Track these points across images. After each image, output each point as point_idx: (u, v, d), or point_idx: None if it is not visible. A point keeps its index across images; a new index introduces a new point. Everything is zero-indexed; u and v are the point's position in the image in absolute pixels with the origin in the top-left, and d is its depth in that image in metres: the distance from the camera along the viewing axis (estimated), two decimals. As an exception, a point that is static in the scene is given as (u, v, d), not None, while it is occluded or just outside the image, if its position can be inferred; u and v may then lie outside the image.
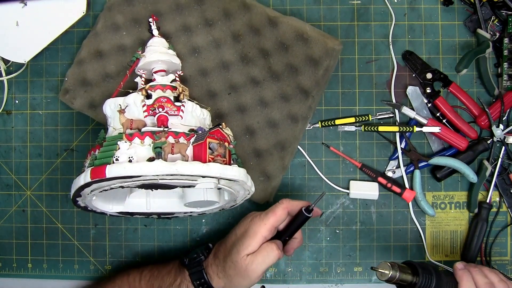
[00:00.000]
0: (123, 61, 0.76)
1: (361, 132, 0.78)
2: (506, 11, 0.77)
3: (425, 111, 0.78)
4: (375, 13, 0.79)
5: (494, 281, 0.61)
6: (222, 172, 0.58)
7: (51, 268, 0.81)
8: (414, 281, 0.60)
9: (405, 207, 0.79)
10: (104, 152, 0.59)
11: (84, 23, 0.80)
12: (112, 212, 0.71)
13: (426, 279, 0.60)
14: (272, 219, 0.63)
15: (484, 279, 0.61)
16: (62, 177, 0.80)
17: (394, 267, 0.59)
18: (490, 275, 0.62)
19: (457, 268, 0.63)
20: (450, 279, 0.62)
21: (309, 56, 0.73)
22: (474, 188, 0.76)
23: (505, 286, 0.61)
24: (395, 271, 0.59)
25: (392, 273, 0.59)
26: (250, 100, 0.76)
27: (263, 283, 0.79)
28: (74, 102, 0.76)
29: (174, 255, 0.79)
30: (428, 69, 0.78)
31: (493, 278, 0.61)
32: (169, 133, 0.60)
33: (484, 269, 0.63)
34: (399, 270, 0.59)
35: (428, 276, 0.60)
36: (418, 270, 0.60)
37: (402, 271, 0.60)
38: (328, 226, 0.79)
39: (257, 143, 0.76)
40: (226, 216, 0.79)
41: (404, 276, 0.60)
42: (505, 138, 0.76)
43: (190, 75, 0.76)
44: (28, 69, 0.81)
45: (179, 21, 0.76)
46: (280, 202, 0.64)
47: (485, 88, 0.78)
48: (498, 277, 0.62)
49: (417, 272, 0.60)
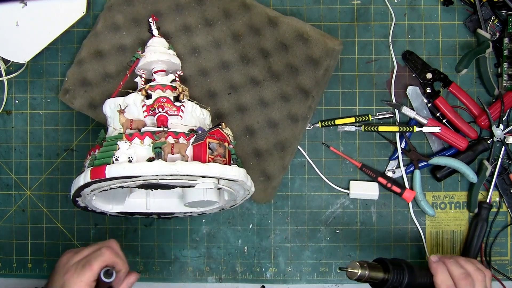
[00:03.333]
0: (123, 61, 0.76)
1: (361, 132, 0.78)
2: (506, 11, 0.77)
3: (425, 111, 0.78)
4: (375, 13, 0.79)
5: (470, 270, 0.61)
6: (222, 172, 0.58)
7: (51, 268, 0.80)
8: (386, 277, 0.60)
9: (405, 207, 0.79)
10: (104, 152, 0.59)
11: (84, 23, 0.80)
12: (112, 212, 0.71)
13: (397, 275, 0.60)
14: (89, 275, 0.57)
15: (460, 270, 0.61)
16: (62, 177, 0.80)
17: (363, 266, 0.59)
18: (466, 265, 0.62)
19: (432, 261, 0.63)
20: (425, 273, 0.62)
21: (309, 56, 0.73)
22: (474, 188, 0.76)
23: (481, 274, 0.60)
24: (364, 269, 0.59)
25: (361, 272, 0.58)
26: (250, 100, 0.76)
27: (263, 283, 0.79)
28: (74, 102, 0.76)
29: (174, 255, 0.80)
30: (428, 69, 0.78)
31: (469, 267, 0.61)
32: (169, 133, 0.60)
33: (459, 259, 0.63)
34: (369, 269, 0.59)
35: (399, 271, 0.60)
36: (389, 267, 0.60)
37: (372, 269, 0.59)
38: (328, 226, 0.79)
39: (257, 143, 0.76)
40: (226, 216, 0.79)
41: (374, 274, 0.59)
42: (505, 138, 0.76)
43: (190, 75, 0.76)
44: (28, 69, 0.81)
45: (179, 21, 0.76)
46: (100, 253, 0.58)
47: (485, 88, 0.78)
48: (475, 266, 0.61)
49: (388, 269, 0.60)
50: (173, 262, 0.80)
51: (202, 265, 0.80)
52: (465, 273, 0.60)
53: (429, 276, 0.62)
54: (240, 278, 0.79)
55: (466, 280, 0.60)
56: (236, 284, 0.79)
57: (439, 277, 0.61)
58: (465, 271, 0.61)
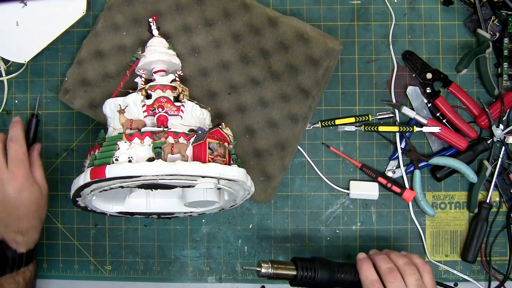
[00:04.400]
0: (123, 61, 0.76)
1: (361, 132, 0.78)
2: (506, 11, 0.77)
3: (425, 111, 0.78)
4: (375, 13, 0.79)
5: (399, 264, 0.61)
6: (221, 172, 0.58)
7: (51, 268, 0.81)
8: (295, 275, 0.62)
9: (405, 207, 0.79)
10: (104, 152, 0.59)
11: (84, 23, 0.80)
12: (112, 212, 0.71)
13: (307, 271, 0.61)
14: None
15: (387, 264, 0.61)
16: (62, 177, 0.80)
17: (267, 264, 0.61)
18: (397, 259, 0.62)
19: (358, 258, 0.64)
20: (350, 269, 0.64)
21: (309, 56, 0.73)
22: (474, 188, 0.76)
23: (411, 268, 0.60)
24: (267, 268, 0.61)
25: (264, 271, 0.61)
26: (250, 100, 0.76)
27: (263, 283, 0.79)
28: (74, 102, 0.76)
29: (174, 255, 0.80)
30: (428, 69, 0.78)
31: (398, 262, 0.61)
32: (169, 133, 0.60)
33: (391, 254, 0.63)
34: (274, 267, 0.61)
35: (309, 268, 0.62)
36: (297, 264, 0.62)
37: (280, 268, 0.61)
38: (328, 226, 0.79)
39: (257, 143, 0.76)
40: (226, 216, 0.79)
41: (281, 271, 0.61)
42: (505, 138, 0.76)
43: (190, 75, 0.76)
44: (28, 69, 0.81)
45: (179, 21, 0.76)
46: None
47: (485, 88, 0.78)
48: (406, 260, 0.61)
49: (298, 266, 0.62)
50: (173, 262, 0.80)
51: (202, 265, 0.80)
52: (391, 268, 0.60)
53: (355, 273, 0.63)
54: (240, 278, 0.79)
55: (391, 274, 0.60)
56: (236, 284, 0.79)
57: (363, 273, 0.61)
58: (391, 266, 0.61)
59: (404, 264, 0.61)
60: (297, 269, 0.62)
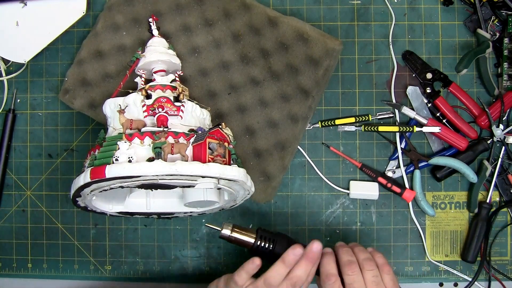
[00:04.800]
0: (123, 61, 0.76)
1: (361, 132, 0.78)
2: (506, 11, 0.77)
3: (425, 111, 0.78)
4: (375, 13, 0.79)
5: (360, 258, 0.61)
6: (221, 172, 0.58)
7: (51, 268, 0.81)
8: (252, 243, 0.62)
9: (405, 207, 0.79)
10: (104, 152, 0.59)
11: (84, 23, 0.80)
12: (112, 212, 0.71)
13: (264, 241, 0.62)
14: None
15: (348, 257, 0.61)
16: (62, 177, 0.80)
17: (229, 227, 0.62)
18: (359, 253, 0.62)
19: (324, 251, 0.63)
20: None
21: (309, 56, 0.73)
22: (474, 188, 0.76)
23: (370, 264, 0.60)
24: (227, 231, 0.62)
25: (223, 232, 0.62)
26: (250, 100, 0.76)
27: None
28: (74, 102, 0.76)
29: (174, 255, 0.80)
30: (428, 69, 0.78)
31: (360, 256, 0.61)
32: (169, 133, 0.60)
33: (356, 248, 0.63)
34: (235, 231, 0.62)
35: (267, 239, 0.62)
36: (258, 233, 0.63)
37: (240, 233, 0.62)
38: (328, 226, 0.79)
39: (257, 143, 0.76)
40: (226, 216, 0.79)
41: (240, 236, 0.62)
42: (505, 138, 0.76)
43: (190, 75, 0.76)
44: (28, 69, 0.81)
45: (179, 21, 0.76)
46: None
47: (485, 88, 0.78)
48: (367, 255, 0.62)
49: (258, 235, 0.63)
50: (173, 262, 0.80)
51: (202, 265, 0.80)
52: (351, 260, 0.61)
53: None
54: (240, 278, 0.79)
55: (349, 266, 0.60)
56: (236, 284, 0.79)
57: (322, 266, 0.61)
58: (352, 259, 0.61)
59: (364, 259, 0.61)
60: (256, 238, 0.62)
